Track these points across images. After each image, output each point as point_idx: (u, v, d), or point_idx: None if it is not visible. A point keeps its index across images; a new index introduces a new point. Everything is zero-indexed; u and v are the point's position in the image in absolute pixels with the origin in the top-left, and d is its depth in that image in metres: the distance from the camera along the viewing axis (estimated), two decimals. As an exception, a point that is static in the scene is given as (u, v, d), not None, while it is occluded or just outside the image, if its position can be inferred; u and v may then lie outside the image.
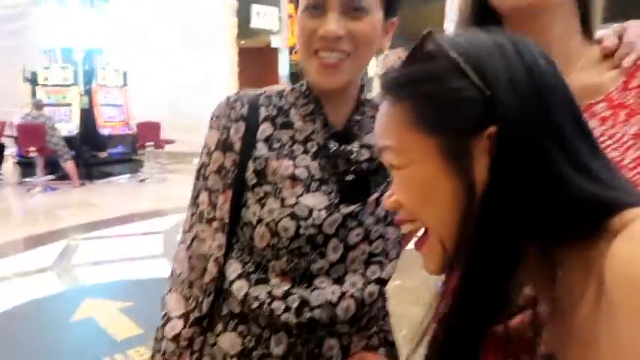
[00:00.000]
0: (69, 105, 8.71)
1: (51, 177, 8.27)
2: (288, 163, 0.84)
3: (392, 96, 0.54)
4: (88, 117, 8.83)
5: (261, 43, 11.52)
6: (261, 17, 10.10)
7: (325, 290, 0.82)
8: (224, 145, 0.86)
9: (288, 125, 0.87)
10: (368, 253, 0.86)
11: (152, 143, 8.84)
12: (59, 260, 4.41)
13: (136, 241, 5.10)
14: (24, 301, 3.41)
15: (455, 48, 0.49)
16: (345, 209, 0.83)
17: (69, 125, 8.53)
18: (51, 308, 3.36)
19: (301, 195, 0.82)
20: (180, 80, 10.59)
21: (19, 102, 8.72)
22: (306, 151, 0.85)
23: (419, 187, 0.52)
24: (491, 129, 0.47)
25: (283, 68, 10.85)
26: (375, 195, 0.85)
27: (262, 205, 0.83)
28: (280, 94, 0.90)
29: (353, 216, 0.83)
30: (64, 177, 8.22)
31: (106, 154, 8.96)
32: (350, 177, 0.85)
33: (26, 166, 8.34)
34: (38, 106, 7.99)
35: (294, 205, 0.81)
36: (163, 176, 9.16)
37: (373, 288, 0.86)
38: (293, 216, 0.81)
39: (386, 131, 0.54)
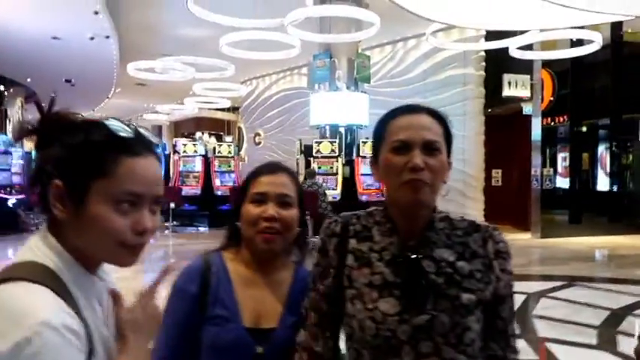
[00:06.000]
0: (335, 174, 9.98)
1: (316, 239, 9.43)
2: (366, 271, 1.01)
3: None
4: (349, 185, 9.93)
5: (510, 110, 11.38)
6: (512, 86, 10.07)
7: None
8: (321, 251, 1.11)
9: (369, 239, 1.05)
10: None
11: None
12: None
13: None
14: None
15: None
16: (415, 320, 0.95)
17: (334, 192, 9.74)
18: None
19: (377, 300, 0.98)
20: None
21: (298, 171, 10.35)
22: (380, 259, 1.02)
23: None
24: None
25: (535, 134, 10.47)
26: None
27: (353, 304, 1.01)
28: (368, 214, 1.10)
29: (422, 330, 0.95)
30: (328, 237, 9.28)
31: (362, 217, 9.83)
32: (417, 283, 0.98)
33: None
34: (311, 174, 9.29)
35: (373, 309, 0.98)
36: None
37: None
38: (372, 319, 0.97)
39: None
